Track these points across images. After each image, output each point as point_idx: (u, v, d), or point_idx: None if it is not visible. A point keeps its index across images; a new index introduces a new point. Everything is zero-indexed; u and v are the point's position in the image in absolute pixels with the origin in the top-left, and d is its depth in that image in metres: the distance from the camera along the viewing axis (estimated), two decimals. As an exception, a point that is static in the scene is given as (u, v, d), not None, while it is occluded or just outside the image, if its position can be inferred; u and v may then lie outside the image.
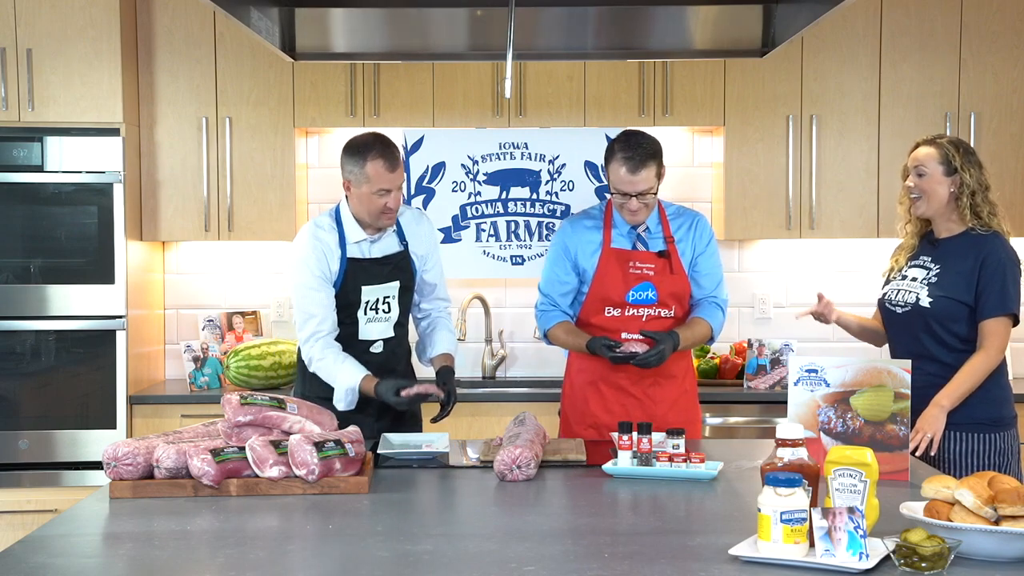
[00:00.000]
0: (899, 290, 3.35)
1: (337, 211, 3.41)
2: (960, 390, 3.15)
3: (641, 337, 3.40)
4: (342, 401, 3.27)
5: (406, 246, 3.45)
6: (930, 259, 3.33)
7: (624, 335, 3.42)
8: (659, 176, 3.41)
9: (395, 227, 3.44)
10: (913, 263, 3.37)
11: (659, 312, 3.47)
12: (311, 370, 3.34)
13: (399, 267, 3.43)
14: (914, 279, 3.32)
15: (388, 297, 3.40)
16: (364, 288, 3.36)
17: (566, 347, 3.58)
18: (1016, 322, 3.25)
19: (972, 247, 3.25)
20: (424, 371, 3.62)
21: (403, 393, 3.19)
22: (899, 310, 3.32)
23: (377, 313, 3.40)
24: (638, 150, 3.35)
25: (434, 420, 3.37)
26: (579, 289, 3.54)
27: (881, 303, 3.42)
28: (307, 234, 3.37)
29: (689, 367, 3.63)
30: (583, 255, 3.51)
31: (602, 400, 3.52)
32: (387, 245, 3.42)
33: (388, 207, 3.30)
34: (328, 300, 3.32)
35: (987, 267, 3.20)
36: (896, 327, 3.36)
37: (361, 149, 3.29)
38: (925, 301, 3.25)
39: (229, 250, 5.18)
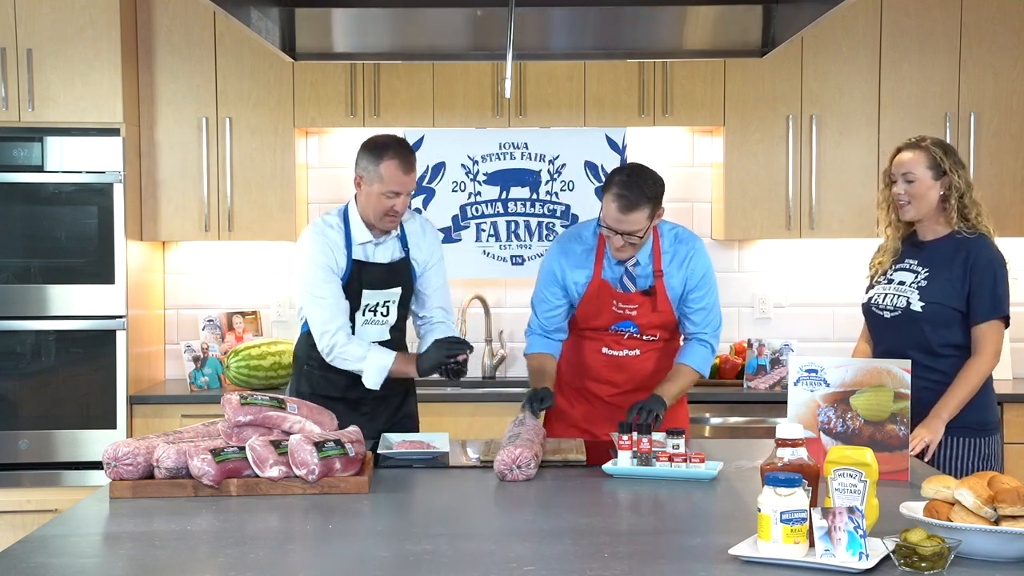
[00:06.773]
0: (887, 294, 3.30)
1: (345, 211, 3.41)
2: (959, 399, 3.13)
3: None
4: (373, 381, 3.30)
5: (407, 252, 3.46)
6: (916, 262, 3.28)
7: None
8: (653, 217, 3.26)
9: (399, 233, 3.45)
10: (898, 266, 3.32)
11: (642, 336, 3.45)
12: (329, 359, 3.33)
13: (401, 274, 3.43)
14: (902, 283, 3.27)
15: (388, 302, 3.41)
16: (366, 292, 3.37)
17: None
18: (1007, 324, 3.22)
19: (959, 250, 3.22)
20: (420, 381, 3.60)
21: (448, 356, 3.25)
22: (887, 314, 3.27)
23: (375, 315, 3.41)
24: (634, 190, 3.19)
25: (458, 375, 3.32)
26: (570, 305, 3.49)
27: (867, 307, 3.37)
28: (315, 230, 3.38)
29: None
30: (571, 281, 3.45)
31: (589, 407, 3.51)
32: (391, 251, 3.43)
33: (395, 210, 3.30)
34: (339, 291, 3.33)
35: (976, 271, 3.17)
36: (883, 331, 3.31)
37: (379, 147, 3.31)
38: (916, 305, 3.21)
39: (229, 250, 5.18)
